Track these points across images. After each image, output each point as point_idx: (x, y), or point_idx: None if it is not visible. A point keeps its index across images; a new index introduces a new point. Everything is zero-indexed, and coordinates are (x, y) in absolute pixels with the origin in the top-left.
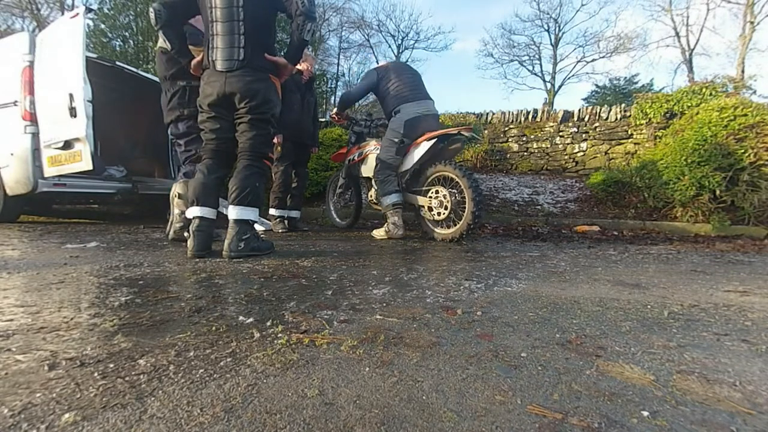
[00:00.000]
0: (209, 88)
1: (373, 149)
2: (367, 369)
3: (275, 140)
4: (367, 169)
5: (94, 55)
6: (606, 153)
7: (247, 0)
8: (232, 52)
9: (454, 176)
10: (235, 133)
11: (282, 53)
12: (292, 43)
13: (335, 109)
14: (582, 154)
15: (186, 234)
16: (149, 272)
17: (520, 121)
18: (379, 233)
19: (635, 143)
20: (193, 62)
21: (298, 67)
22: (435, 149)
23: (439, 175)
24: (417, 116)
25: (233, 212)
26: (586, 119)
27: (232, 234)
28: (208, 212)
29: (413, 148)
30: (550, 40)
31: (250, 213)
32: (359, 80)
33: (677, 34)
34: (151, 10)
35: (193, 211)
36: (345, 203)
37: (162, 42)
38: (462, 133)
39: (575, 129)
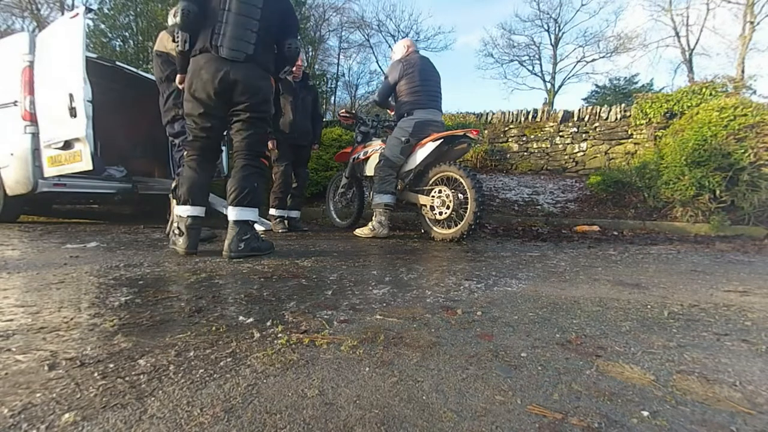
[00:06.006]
0: (207, 74)
1: (378, 149)
2: (367, 369)
3: (269, 145)
4: (371, 169)
5: (94, 55)
6: (606, 153)
7: (266, 7)
8: (242, 44)
9: (457, 176)
10: (229, 130)
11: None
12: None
13: (343, 110)
14: (582, 154)
15: (176, 231)
16: (149, 272)
17: (520, 121)
18: (362, 232)
19: (635, 143)
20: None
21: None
22: (440, 150)
23: (442, 176)
24: (427, 120)
25: (233, 213)
26: (586, 119)
27: (232, 234)
28: (201, 211)
29: (418, 149)
30: (550, 40)
31: (249, 213)
32: (384, 77)
33: (677, 34)
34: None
35: (187, 210)
36: (347, 203)
37: (163, 42)
38: (468, 135)
39: (575, 129)
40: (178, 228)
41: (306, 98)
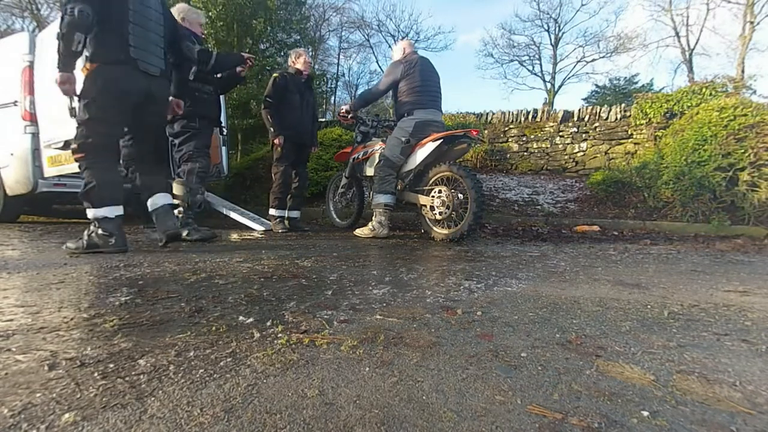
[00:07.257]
0: (129, 85)
1: (378, 149)
2: (367, 369)
3: (276, 141)
4: (371, 169)
5: None
6: (606, 153)
7: (166, 20)
8: (157, 59)
9: (457, 176)
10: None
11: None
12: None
13: (344, 108)
14: (582, 154)
15: (102, 233)
16: (149, 272)
17: (520, 121)
18: (362, 232)
19: (635, 143)
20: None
21: (297, 66)
22: (440, 150)
23: (442, 176)
24: (427, 120)
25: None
26: (586, 119)
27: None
28: (121, 209)
29: (418, 149)
30: (550, 40)
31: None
32: (383, 75)
33: (677, 34)
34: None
35: (115, 210)
36: (347, 203)
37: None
38: (468, 135)
39: (575, 129)
40: (104, 230)
41: (309, 99)
